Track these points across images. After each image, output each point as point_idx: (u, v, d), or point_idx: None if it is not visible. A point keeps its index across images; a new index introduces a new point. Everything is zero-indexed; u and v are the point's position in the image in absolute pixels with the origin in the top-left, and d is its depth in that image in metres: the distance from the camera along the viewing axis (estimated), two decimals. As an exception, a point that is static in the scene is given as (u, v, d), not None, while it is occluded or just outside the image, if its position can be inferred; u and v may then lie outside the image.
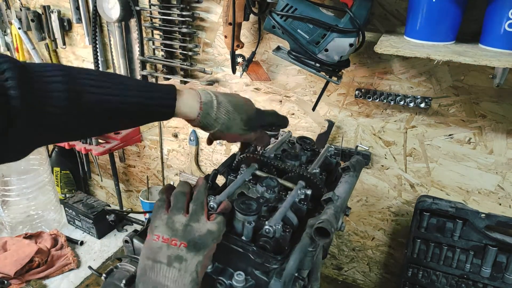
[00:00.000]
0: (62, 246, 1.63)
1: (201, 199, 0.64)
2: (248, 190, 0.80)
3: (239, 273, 0.67)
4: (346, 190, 0.79)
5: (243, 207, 0.68)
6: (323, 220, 0.65)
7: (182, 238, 0.59)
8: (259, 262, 0.66)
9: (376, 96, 1.19)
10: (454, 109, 1.14)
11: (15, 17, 1.75)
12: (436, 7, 0.89)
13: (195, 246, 0.59)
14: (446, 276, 1.25)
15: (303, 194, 0.77)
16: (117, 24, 1.52)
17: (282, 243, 0.68)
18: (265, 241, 0.67)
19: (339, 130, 1.33)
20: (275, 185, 0.78)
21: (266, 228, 0.66)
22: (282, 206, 0.72)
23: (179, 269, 0.58)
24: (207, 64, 1.46)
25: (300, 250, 0.66)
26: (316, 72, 1.07)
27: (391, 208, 1.37)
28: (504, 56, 0.81)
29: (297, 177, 0.82)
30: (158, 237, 0.59)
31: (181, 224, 0.61)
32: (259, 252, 0.66)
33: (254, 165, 0.85)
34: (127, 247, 0.76)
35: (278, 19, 1.01)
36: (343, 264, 1.57)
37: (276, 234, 0.67)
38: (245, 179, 0.80)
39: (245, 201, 0.70)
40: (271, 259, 0.65)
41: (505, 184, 1.16)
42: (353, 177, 0.85)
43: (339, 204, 0.73)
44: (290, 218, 0.74)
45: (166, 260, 0.58)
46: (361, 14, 0.96)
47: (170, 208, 0.63)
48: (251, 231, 0.69)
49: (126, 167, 1.94)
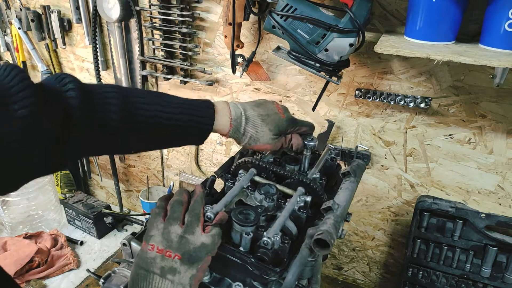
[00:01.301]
0: (62, 246, 1.63)
1: (197, 210, 0.63)
2: (247, 198, 0.78)
3: (237, 284, 0.66)
4: (346, 198, 0.76)
5: (240, 218, 0.67)
6: (322, 231, 0.63)
7: (177, 250, 0.59)
8: (257, 274, 0.64)
9: (376, 96, 1.19)
10: (454, 109, 1.14)
11: (15, 17, 1.75)
12: (436, 7, 0.88)
13: (190, 259, 0.59)
14: (446, 276, 1.25)
15: (303, 202, 0.75)
16: (117, 24, 1.52)
17: (281, 255, 0.66)
18: (263, 253, 0.65)
19: (339, 130, 1.33)
20: (273, 193, 0.76)
21: (264, 240, 0.64)
22: (281, 215, 0.69)
23: (172, 281, 0.57)
24: (207, 64, 1.46)
25: (299, 262, 0.64)
26: (316, 72, 1.07)
27: (391, 208, 1.37)
28: (504, 56, 0.81)
29: (297, 183, 0.79)
30: (153, 247, 0.59)
31: (176, 235, 0.60)
32: (257, 264, 0.64)
33: (253, 170, 0.82)
34: (125, 250, 0.76)
35: (278, 19, 1.01)
36: (343, 264, 1.57)
37: (274, 245, 0.65)
38: (243, 186, 0.78)
39: (243, 211, 0.68)
40: (269, 271, 0.64)
41: (505, 184, 1.16)
42: (353, 182, 0.82)
43: (339, 213, 0.70)
44: (289, 228, 0.72)
45: (159, 271, 0.58)
46: (361, 14, 0.96)
47: (167, 218, 0.62)
48: (249, 242, 0.67)
49: (126, 167, 1.94)
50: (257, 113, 0.76)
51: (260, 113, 0.76)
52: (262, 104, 0.79)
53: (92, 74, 1.74)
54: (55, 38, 1.72)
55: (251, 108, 0.76)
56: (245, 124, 0.74)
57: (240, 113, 0.74)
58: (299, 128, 0.82)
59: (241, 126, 0.74)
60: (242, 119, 0.74)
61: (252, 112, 0.75)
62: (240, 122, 0.73)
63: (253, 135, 0.75)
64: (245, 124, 0.74)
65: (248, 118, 0.74)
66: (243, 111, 0.75)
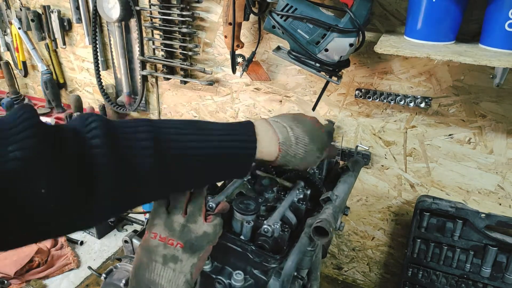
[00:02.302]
0: (62, 246, 1.63)
1: (199, 200, 0.64)
2: (247, 190, 0.80)
3: (238, 273, 0.67)
4: (345, 190, 0.80)
5: (241, 207, 0.69)
6: (321, 219, 0.66)
7: (179, 238, 0.60)
8: (258, 262, 0.66)
9: (376, 96, 1.19)
10: (454, 109, 1.14)
11: (15, 17, 1.75)
12: (436, 7, 0.88)
13: (191, 247, 0.60)
14: (446, 276, 1.25)
15: (302, 194, 0.78)
16: (117, 24, 1.52)
17: (280, 243, 0.69)
18: (263, 241, 0.67)
19: (339, 130, 1.33)
20: (274, 185, 0.78)
21: (265, 228, 0.66)
22: (281, 206, 0.72)
23: (173, 269, 0.58)
24: (207, 64, 1.46)
25: (298, 250, 0.66)
26: (316, 72, 1.07)
27: (391, 208, 1.37)
28: (504, 56, 0.81)
29: (296, 176, 0.82)
30: (156, 235, 0.60)
31: (179, 224, 0.61)
32: (257, 251, 0.67)
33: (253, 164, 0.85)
34: (127, 247, 0.77)
35: (278, 19, 1.01)
36: (343, 264, 1.57)
37: (274, 233, 0.67)
38: (244, 179, 0.81)
39: (244, 201, 0.70)
40: (269, 259, 0.66)
41: (505, 184, 1.16)
42: (352, 176, 0.86)
43: (337, 204, 0.73)
44: (289, 218, 0.74)
45: (161, 259, 0.58)
46: (361, 14, 0.96)
47: (169, 207, 0.63)
48: (250, 231, 0.69)
49: (126, 167, 1.93)
50: (303, 130, 0.65)
51: (306, 131, 0.66)
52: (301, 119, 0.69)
53: (92, 74, 1.74)
54: (55, 38, 1.72)
55: (295, 126, 0.65)
56: (296, 145, 0.63)
57: (287, 133, 0.63)
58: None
59: (291, 148, 0.63)
60: (292, 140, 0.63)
61: (299, 130, 0.65)
62: (290, 144, 0.63)
63: (303, 155, 0.65)
64: (295, 145, 0.63)
65: (298, 138, 0.64)
66: (291, 131, 0.64)
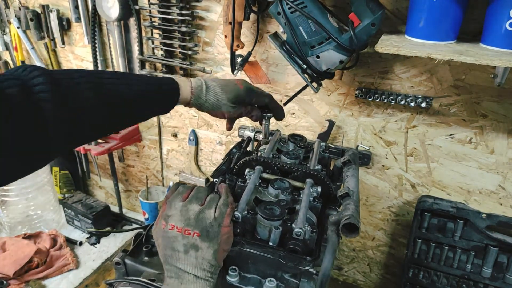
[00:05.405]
0: (61, 247, 1.62)
1: (230, 199, 0.70)
2: (261, 194, 0.80)
3: (270, 280, 0.68)
4: (356, 184, 0.82)
5: (267, 213, 0.69)
6: (349, 216, 0.66)
7: (195, 227, 0.63)
8: (291, 266, 0.66)
9: (377, 95, 1.19)
10: (455, 109, 1.13)
11: (14, 16, 1.74)
12: (437, 6, 0.88)
13: (208, 235, 0.63)
14: (447, 276, 1.25)
15: (316, 192, 0.79)
16: (116, 23, 1.52)
17: (309, 244, 0.69)
18: (294, 244, 0.67)
19: (339, 130, 1.33)
20: (287, 186, 0.79)
21: (297, 231, 0.66)
22: (302, 207, 0.72)
23: (196, 257, 0.62)
24: (206, 63, 1.45)
25: (332, 249, 0.66)
26: (300, 72, 1.08)
27: (392, 208, 1.37)
28: (505, 56, 0.81)
29: (304, 175, 0.82)
30: (173, 227, 0.63)
31: (194, 212, 0.64)
32: (290, 255, 0.67)
33: (259, 167, 0.84)
34: (119, 269, 0.75)
35: (286, 8, 1.00)
36: (344, 264, 1.57)
37: (306, 235, 0.68)
38: (256, 183, 0.80)
39: (267, 207, 0.70)
40: (303, 261, 0.66)
41: (506, 184, 1.15)
42: (355, 169, 0.88)
43: (356, 198, 0.75)
44: (311, 218, 0.75)
45: (183, 248, 0.62)
46: (361, 38, 0.97)
47: (189, 197, 0.67)
48: (279, 236, 0.69)
49: (125, 167, 1.93)
50: (217, 83, 0.83)
51: (220, 84, 0.83)
52: (224, 79, 0.86)
53: (91, 73, 1.73)
54: (54, 38, 1.71)
55: (211, 80, 0.83)
56: (206, 92, 0.80)
57: (201, 83, 0.81)
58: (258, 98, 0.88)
59: (202, 94, 0.80)
60: (203, 87, 0.80)
61: (212, 82, 0.83)
62: (201, 90, 0.80)
63: (214, 103, 0.82)
64: (206, 92, 0.80)
65: (208, 87, 0.81)
66: (203, 82, 0.81)
